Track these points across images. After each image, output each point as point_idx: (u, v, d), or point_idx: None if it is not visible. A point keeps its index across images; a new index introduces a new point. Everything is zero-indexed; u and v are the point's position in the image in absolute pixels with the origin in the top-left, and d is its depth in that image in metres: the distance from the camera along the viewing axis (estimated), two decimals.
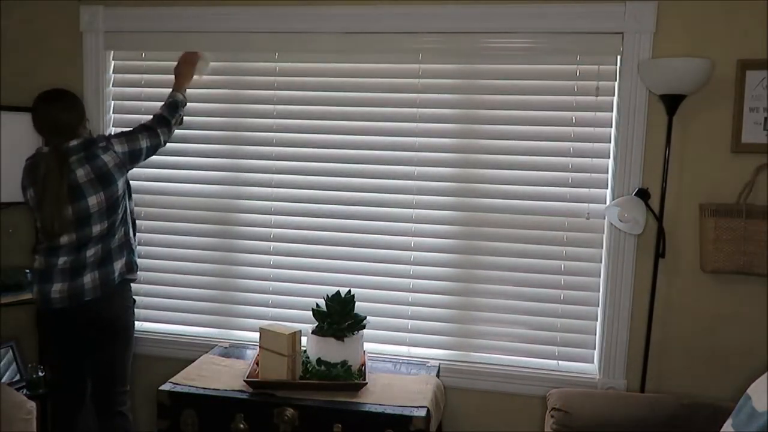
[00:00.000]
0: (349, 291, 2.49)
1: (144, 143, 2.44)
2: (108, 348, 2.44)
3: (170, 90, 2.63)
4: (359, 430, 2.19)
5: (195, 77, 2.69)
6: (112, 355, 2.45)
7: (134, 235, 2.54)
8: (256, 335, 2.57)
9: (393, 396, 2.30)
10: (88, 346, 2.43)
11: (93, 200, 2.30)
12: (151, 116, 2.55)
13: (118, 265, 2.41)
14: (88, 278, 2.34)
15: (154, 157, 2.67)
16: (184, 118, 2.76)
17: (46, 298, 2.33)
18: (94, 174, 2.30)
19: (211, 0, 2.68)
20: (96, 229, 2.33)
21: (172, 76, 2.73)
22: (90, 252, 2.34)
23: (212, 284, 2.88)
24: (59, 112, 2.30)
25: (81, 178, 2.28)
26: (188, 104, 2.74)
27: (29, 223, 2.91)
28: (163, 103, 2.59)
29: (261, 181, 2.77)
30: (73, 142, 2.30)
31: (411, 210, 2.66)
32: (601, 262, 2.53)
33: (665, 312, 2.46)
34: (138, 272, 2.54)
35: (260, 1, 2.64)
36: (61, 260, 2.32)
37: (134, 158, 2.43)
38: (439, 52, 2.54)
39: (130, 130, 2.46)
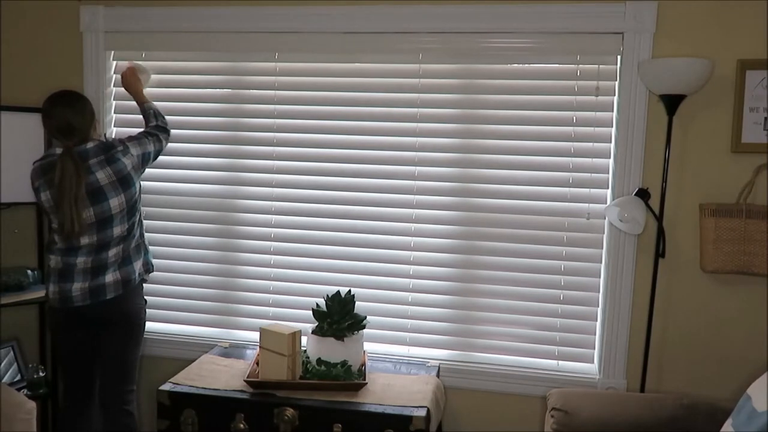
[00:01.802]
0: (349, 291, 2.49)
1: (151, 147, 2.47)
2: (120, 345, 2.44)
3: (144, 103, 2.62)
4: (359, 430, 2.19)
5: (143, 84, 2.69)
6: (123, 352, 2.45)
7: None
8: (256, 335, 2.58)
9: (393, 396, 2.30)
10: (100, 343, 2.44)
11: (114, 202, 2.31)
12: (147, 126, 2.55)
13: (137, 265, 2.44)
14: (109, 277, 2.35)
15: None
16: (185, 118, 2.79)
17: (66, 296, 2.33)
18: (115, 176, 2.31)
19: (212, 0, 2.68)
20: (117, 230, 2.34)
21: (173, 77, 2.79)
22: (111, 252, 2.35)
23: (212, 284, 2.88)
24: (71, 115, 2.29)
25: (102, 181, 2.29)
26: (189, 104, 2.78)
27: (30, 223, 2.91)
28: (147, 118, 2.58)
29: (261, 181, 2.77)
30: (90, 145, 2.31)
31: (411, 210, 2.66)
32: (601, 262, 2.53)
33: (665, 312, 2.47)
34: (153, 272, 2.55)
35: (260, 1, 2.64)
36: (81, 260, 2.33)
37: (145, 161, 2.45)
38: (439, 52, 2.54)
39: (136, 135, 2.47)
